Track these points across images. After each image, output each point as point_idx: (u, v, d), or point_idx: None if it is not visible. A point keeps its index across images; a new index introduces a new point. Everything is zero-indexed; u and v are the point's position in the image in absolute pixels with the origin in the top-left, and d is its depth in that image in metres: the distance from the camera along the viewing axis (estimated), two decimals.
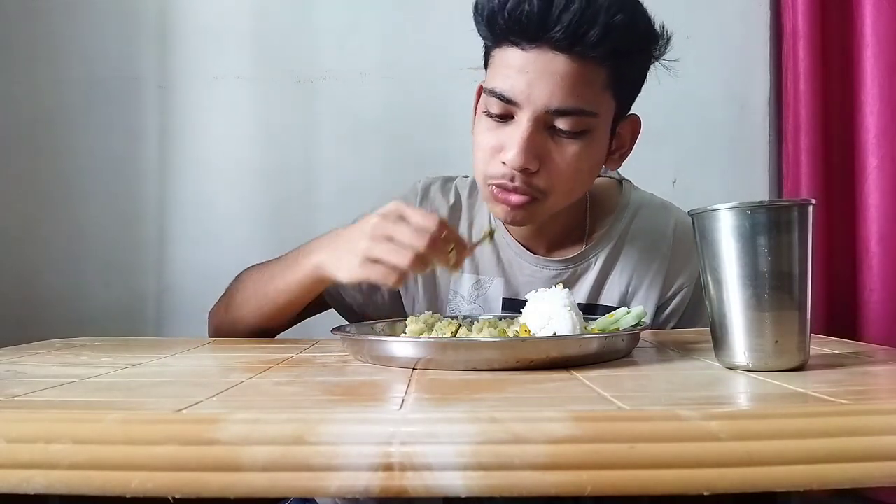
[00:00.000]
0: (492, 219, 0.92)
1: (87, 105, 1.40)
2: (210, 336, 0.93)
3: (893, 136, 1.27)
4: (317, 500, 0.85)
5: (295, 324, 0.90)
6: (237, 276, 0.91)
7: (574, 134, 0.76)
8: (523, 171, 0.76)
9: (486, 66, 0.82)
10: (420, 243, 0.68)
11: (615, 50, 0.73)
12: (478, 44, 0.83)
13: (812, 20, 1.31)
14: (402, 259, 0.68)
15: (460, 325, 0.72)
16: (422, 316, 0.73)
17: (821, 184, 1.31)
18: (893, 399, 0.49)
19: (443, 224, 0.70)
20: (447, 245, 0.70)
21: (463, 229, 0.93)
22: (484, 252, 0.91)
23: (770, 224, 0.51)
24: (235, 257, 0.92)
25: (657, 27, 0.79)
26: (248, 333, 0.87)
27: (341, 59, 1.41)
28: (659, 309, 0.92)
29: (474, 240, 0.87)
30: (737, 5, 1.42)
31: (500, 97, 0.76)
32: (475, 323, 0.71)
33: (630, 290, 0.90)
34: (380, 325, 0.76)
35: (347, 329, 0.71)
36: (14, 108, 1.39)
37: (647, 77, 0.83)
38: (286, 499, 0.75)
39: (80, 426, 0.38)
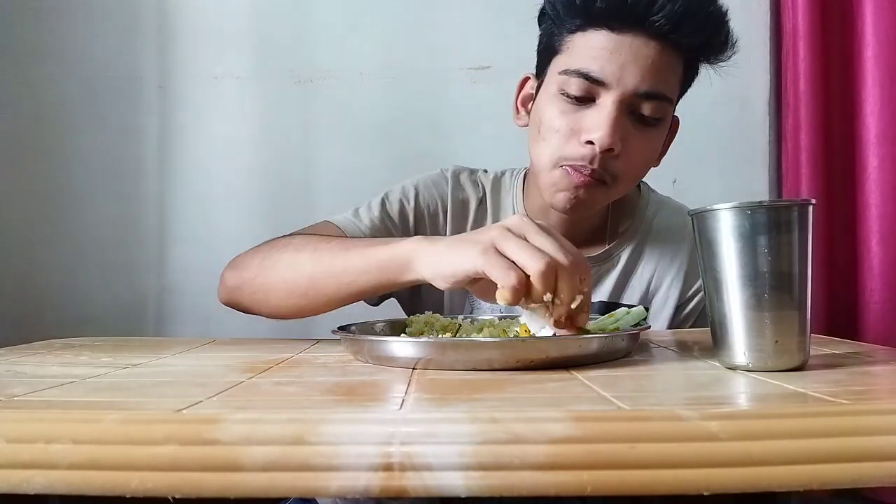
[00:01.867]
0: (516, 211, 0.91)
1: (87, 105, 1.40)
2: (221, 298, 0.83)
3: (894, 136, 1.26)
4: (317, 500, 0.85)
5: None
6: (276, 240, 0.80)
7: (653, 120, 0.79)
8: (607, 151, 0.77)
9: (551, 50, 0.82)
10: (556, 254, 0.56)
11: (702, 43, 0.77)
12: (477, 44, 0.83)
13: (812, 20, 1.31)
14: (535, 265, 0.54)
15: (460, 326, 0.72)
16: (422, 316, 0.73)
17: (821, 184, 1.31)
18: (893, 399, 0.49)
19: (580, 259, 0.57)
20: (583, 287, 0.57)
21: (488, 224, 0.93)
22: None
23: (770, 224, 0.51)
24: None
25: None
26: (274, 306, 0.78)
27: (341, 59, 1.41)
28: (678, 308, 0.93)
29: None
30: (737, 5, 1.41)
31: (587, 77, 0.77)
32: (475, 323, 0.71)
33: (651, 289, 0.91)
34: (380, 324, 0.76)
35: (347, 329, 0.71)
36: (14, 107, 1.39)
37: None
38: (286, 499, 0.75)
39: (80, 426, 0.38)
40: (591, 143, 0.77)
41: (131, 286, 1.39)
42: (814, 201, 0.53)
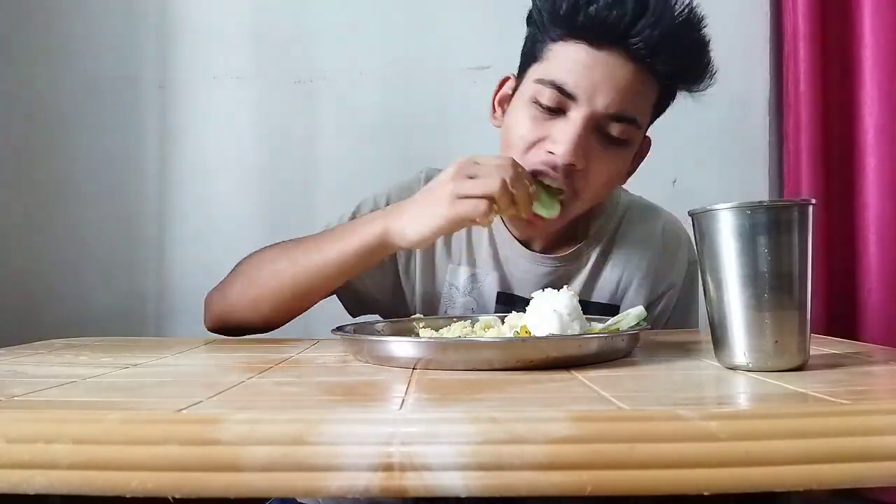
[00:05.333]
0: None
1: (87, 105, 1.40)
2: (208, 325, 0.89)
3: (892, 136, 1.27)
4: (318, 501, 0.85)
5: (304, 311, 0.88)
6: (250, 258, 0.87)
7: (619, 141, 0.78)
8: (570, 166, 0.77)
9: (531, 55, 0.81)
10: (505, 172, 0.68)
11: (679, 71, 0.77)
12: (477, 44, 0.83)
13: (812, 20, 1.31)
14: (491, 185, 0.68)
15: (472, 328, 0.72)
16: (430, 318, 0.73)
17: (821, 184, 1.31)
18: (893, 399, 0.49)
19: (516, 162, 0.72)
20: (526, 180, 0.72)
21: None
22: (481, 246, 0.92)
23: (770, 224, 0.51)
24: (235, 257, 0.92)
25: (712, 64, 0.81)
26: (266, 315, 0.83)
27: (341, 58, 1.41)
28: (648, 307, 0.93)
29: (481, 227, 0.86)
30: (737, 5, 1.42)
31: (560, 89, 0.76)
32: (476, 323, 0.71)
33: (620, 287, 0.92)
34: (380, 324, 0.76)
35: (347, 329, 0.71)
36: (14, 107, 1.39)
37: None
38: (266, 498, 0.74)
39: (80, 426, 0.38)
40: (552, 153, 0.77)
41: (131, 286, 1.39)
42: (814, 201, 0.53)
